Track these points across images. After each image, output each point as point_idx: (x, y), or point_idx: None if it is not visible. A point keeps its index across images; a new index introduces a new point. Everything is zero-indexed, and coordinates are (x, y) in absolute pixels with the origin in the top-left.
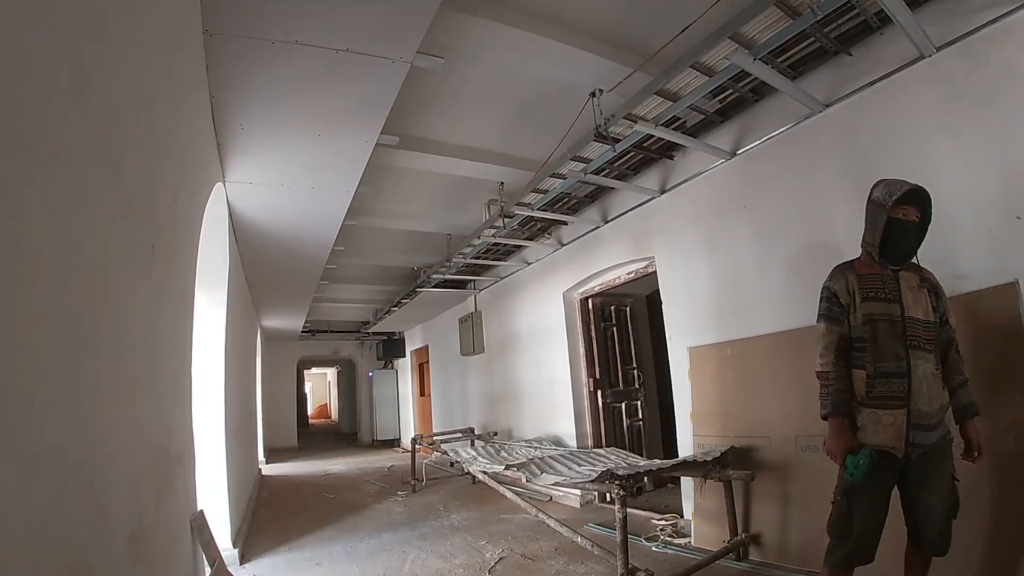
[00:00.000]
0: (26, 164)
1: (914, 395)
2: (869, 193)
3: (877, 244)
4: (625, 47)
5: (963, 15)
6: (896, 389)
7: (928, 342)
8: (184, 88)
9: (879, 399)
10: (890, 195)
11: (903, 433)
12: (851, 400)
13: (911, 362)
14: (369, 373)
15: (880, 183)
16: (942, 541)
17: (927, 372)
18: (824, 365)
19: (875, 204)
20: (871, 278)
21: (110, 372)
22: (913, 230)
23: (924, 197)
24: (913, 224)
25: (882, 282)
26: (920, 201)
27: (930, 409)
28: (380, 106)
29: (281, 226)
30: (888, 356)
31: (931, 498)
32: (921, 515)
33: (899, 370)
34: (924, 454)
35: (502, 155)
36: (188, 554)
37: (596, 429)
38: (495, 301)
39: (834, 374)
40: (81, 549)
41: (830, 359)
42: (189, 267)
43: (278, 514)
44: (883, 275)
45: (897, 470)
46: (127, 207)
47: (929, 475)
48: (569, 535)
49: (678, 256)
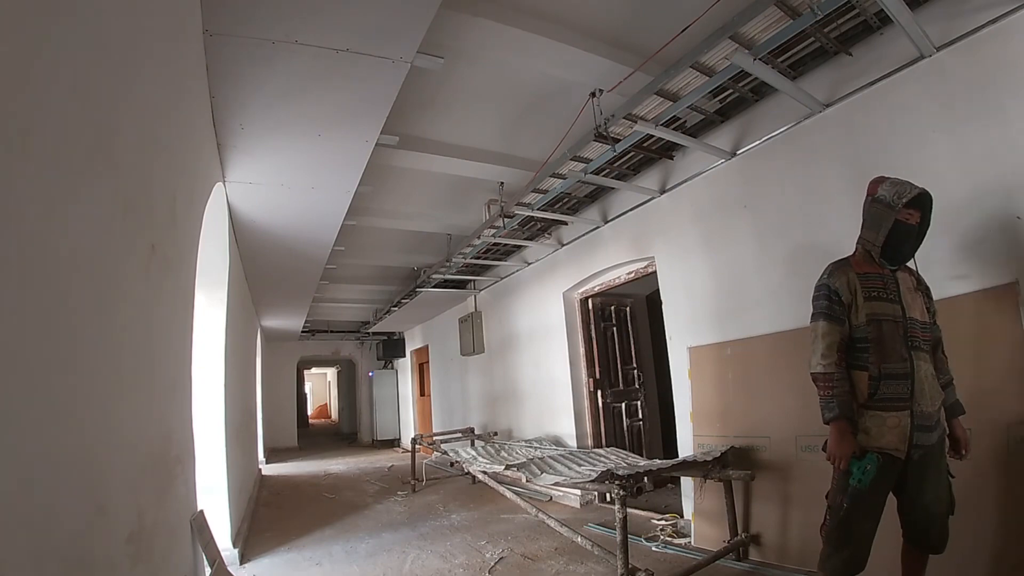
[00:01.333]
0: (26, 164)
1: (917, 396)
2: (869, 188)
3: (880, 244)
4: (625, 47)
5: (963, 15)
6: (901, 391)
7: (926, 342)
8: (184, 88)
9: (884, 401)
10: (899, 197)
11: (907, 435)
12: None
13: (914, 363)
14: (369, 373)
15: (883, 181)
16: (940, 539)
17: (928, 372)
18: (827, 366)
19: (882, 204)
20: (872, 277)
21: (110, 372)
22: (914, 233)
23: (928, 201)
24: (914, 228)
25: (883, 282)
26: (923, 205)
27: (932, 409)
28: (380, 106)
29: (281, 226)
30: (893, 357)
31: (929, 497)
32: (920, 514)
33: (903, 371)
34: (923, 454)
35: (502, 155)
36: (188, 554)
37: (596, 429)
38: (495, 301)
39: (838, 375)
40: (81, 549)
41: (833, 360)
42: (189, 267)
43: (278, 514)
44: (883, 275)
45: (897, 472)
46: (127, 207)
47: (927, 475)
48: (569, 535)
49: (678, 256)
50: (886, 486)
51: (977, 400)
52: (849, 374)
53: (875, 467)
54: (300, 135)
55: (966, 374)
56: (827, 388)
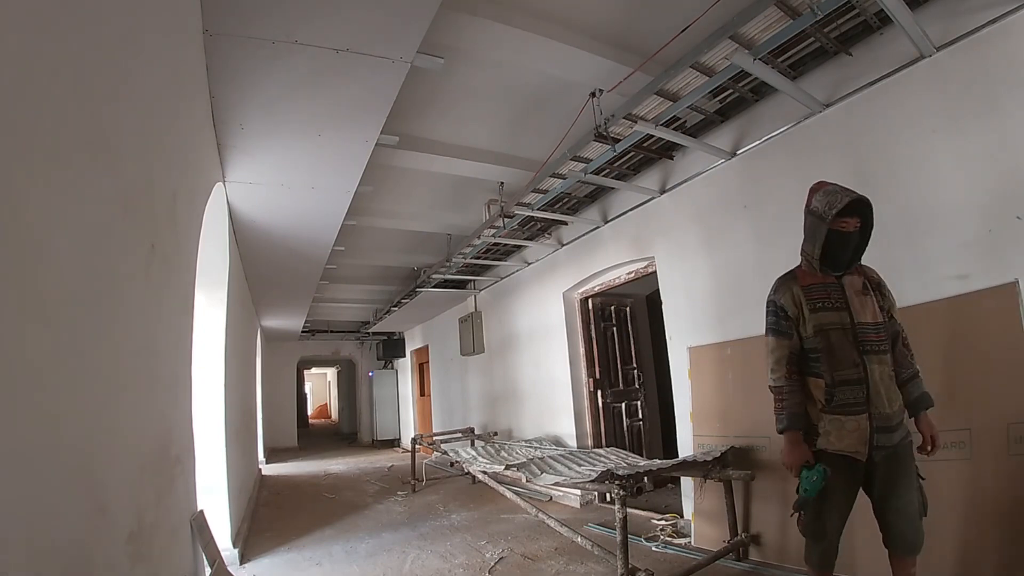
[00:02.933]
0: (26, 164)
1: (873, 399)
2: (807, 197)
3: (817, 256)
4: (625, 47)
5: (963, 15)
6: (856, 396)
7: (880, 343)
8: (184, 88)
9: (841, 407)
10: (830, 208)
11: (867, 437)
12: (810, 408)
13: (867, 367)
14: (369, 373)
15: (819, 190)
16: (915, 540)
17: (883, 375)
18: (776, 380)
19: (815, 215)
20: (816, 288)
21: (110, 372)
22: (853, 240)
23: (866, 207)
24: (853, 235)
25: (827, 291)
26: (861, 210)
27: (890, 411)
28: (380, 106)
29: (281, 226)
30: (844, 364)
31: (900, 500)
32: (892, 517)
33: (857, 377)
34: (888, 456)
35: (502, 155)
36: (188, 554)
37: (596, 429)
38: (495, 301)
39: (787, 388)
40: (81, 549)
41: (782, 373)
42: (189, 267)
43: (278, 514)
44: (827, 283)
45: (861, 474)
46: (127, 207)
47: (896, 477)
48: (569, 535)
49: (678, 256)
50: (850, 487)
51: (977, 400)
52: (805, 382)
53: (821, 478)
54: (300, 135)
55: (966, 374)
56: (778, 401)
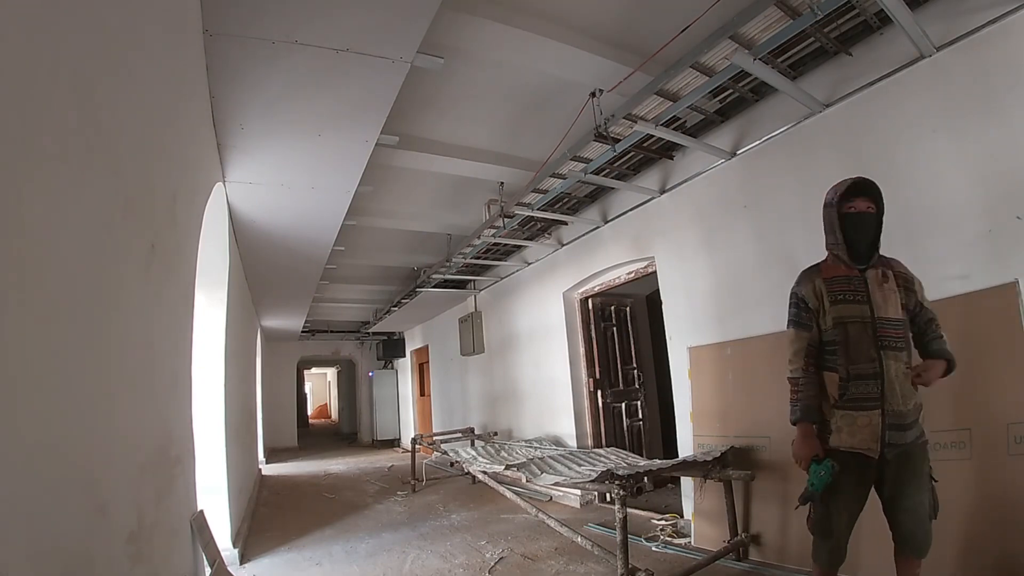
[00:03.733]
0: (26, 164)
1: (887, 395)
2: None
3: (841, 242)
4: (625, 47)
5: (963, 15)
6: (870, 391)
7: (899, 340)
8: (184, 88)
9: (853, 401)
10: (835, 192)
11: (879, 434)
12: (824, 403)
13: (883, 363)
14: (369, 373)
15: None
16: (923, 542)
17: (899, 372)
18: (794, 371)
19: (826, 207)
20: (838, 280)
21: (110, 372)
22: (870, 220)
23: (872, 188)
24: (867, 215)
25: (849, 284)
26: (869, 192)
27: (904, 409)
28: (380, 106)
29: (281, 226)
30: (861, 358)
31: (910, 500)
32: (902, 517)
33: (872, 371)
34: (900, 455)
35: (502, 155)
36: (188, 554)
37: (596, 429)
38: (495, 301)
39: (803, 380)
40: (81, 548)
41: (800, 365)
42: (189, 267)
43: (278, 514)
44: (850, 276)
45: (873, 473)
46: (127, 207)
47: (907, 477)
48: (569, 535)
49: (678, 256)
50: (861, 485)
51: (977, 400)
52: (821, 376)
53: (828, 474)
54: (300, 135)
55: (966, 374)
56: (794, 392)
